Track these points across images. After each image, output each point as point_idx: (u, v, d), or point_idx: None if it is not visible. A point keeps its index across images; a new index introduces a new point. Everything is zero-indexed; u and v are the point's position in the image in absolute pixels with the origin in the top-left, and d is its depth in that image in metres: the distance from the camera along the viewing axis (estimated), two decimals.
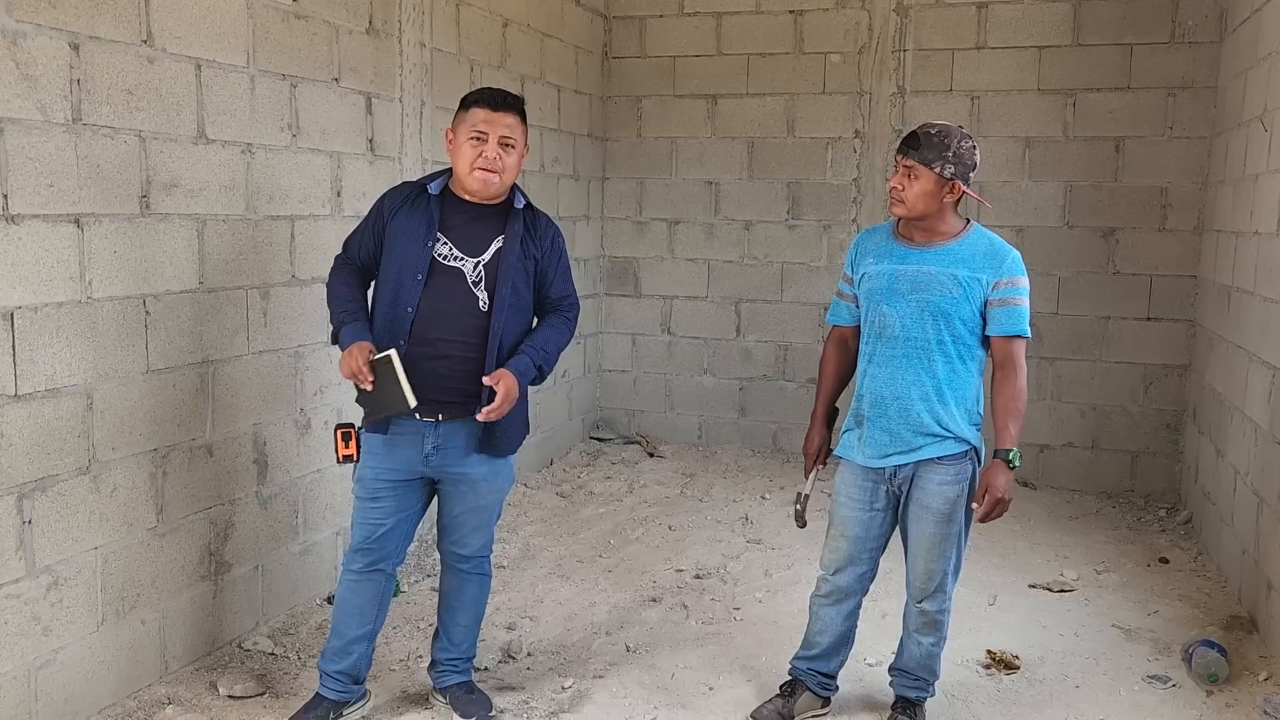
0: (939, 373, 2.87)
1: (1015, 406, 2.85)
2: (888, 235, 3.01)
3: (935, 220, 2.89)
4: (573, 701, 3.27)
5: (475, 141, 2.83)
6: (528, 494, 5.46)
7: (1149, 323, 5.69)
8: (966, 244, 2.89)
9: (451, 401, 2.89)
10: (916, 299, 2.86)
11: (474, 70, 4.98)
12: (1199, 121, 5.50)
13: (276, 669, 3.43)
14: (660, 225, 6.59)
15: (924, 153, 2.81)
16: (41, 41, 2.76)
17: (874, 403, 2.94)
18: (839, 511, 3.05)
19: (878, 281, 2.94)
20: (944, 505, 2.90)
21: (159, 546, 3.24)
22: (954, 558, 2.97)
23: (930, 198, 2.83)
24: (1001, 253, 2.87)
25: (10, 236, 2.71)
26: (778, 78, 6.25)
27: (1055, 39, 5.71)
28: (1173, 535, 5.05)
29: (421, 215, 2.88)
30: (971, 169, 2.84)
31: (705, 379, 6.59)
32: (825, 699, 3.20)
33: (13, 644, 2.78)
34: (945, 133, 2.83)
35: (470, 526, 3.05)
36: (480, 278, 2.88)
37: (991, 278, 2.84)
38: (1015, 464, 2.81)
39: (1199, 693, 3.41)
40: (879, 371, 2.94)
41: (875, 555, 3.07)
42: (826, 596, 3.11)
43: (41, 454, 2.83)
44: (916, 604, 3.03)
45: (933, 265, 2.87)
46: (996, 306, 2.84)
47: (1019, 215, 5.85)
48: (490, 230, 2.92)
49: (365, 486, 2.93)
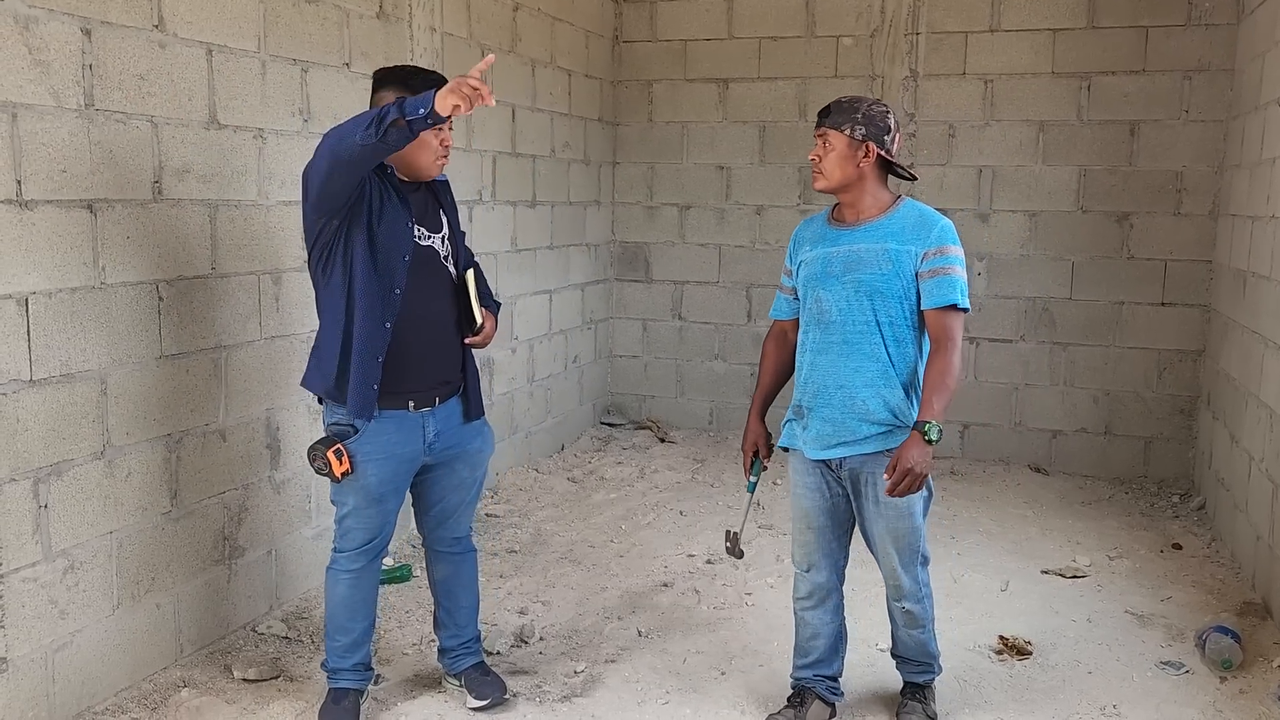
0: (882, 356, 2.79)
1: (943, 382, 2.71)
2: (823, 222, 2.96)
3: (858, 193, 2.83)
4: (585, 686, 3.28)
5: (436, 131, 2.75)
6: (539, 479, 5.47)
7: (1163, 308, 5.66)
8: (896, 217, 2.83)
9: (446, 381, 2.92)
10: (850, 279, 2.80)
11: (484, 54, 4.95)
12: (1215, 105, 5.45)
13: (290, 652, 3.45)
14: (671, 210, 6.57)
15: (834, 118, 2.79)
16: (54, 27, 2.76)
17: (816, 393, 2.88)
18: (799, 504, 2.98)
19: (812, 267, 2.88)
20: (900, 500, 2.79)
21: (173, 531, 3.26)
22: (920, 547, 2.90)
23: (846, 162, 2.79)
24: (930, 221, 2.80)
25: (24, 222, 2.72)
26: (789, 61, 6.22)
27: (1070, 21, 5.66)
28: (1186, 521, 5.03)
29: (390, 195, 2.81)
30: (885, 132, 2.79)
31: (716, 364, 6.58)
32: (832, 706, 3.10)
33: (30, 627, 2.81)
34: (856, 99, 2.83)
35: (465, 504, 3.09)
36: (448, 252, 2.93)
37: (920, 248, 2.76)
38: (932, 438, 2.64)
39: (1212, 679, 3.40)
40: (819, 360, 2.87)
41: (844, 543, 3.00)
42: (808, 598, 3.03)
43: (57, 439, 2.84)
44: (895, 602, 2.98)
45: (863, 242, 2.82)
46: (927, 278, 2.76)
47: (1032, 200, 5.81)
48: (434, 205, 2.96)
49: (370, 494, 2.84)
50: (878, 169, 2.84)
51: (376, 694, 3.16)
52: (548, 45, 5.64)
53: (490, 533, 4.62)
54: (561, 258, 5.99)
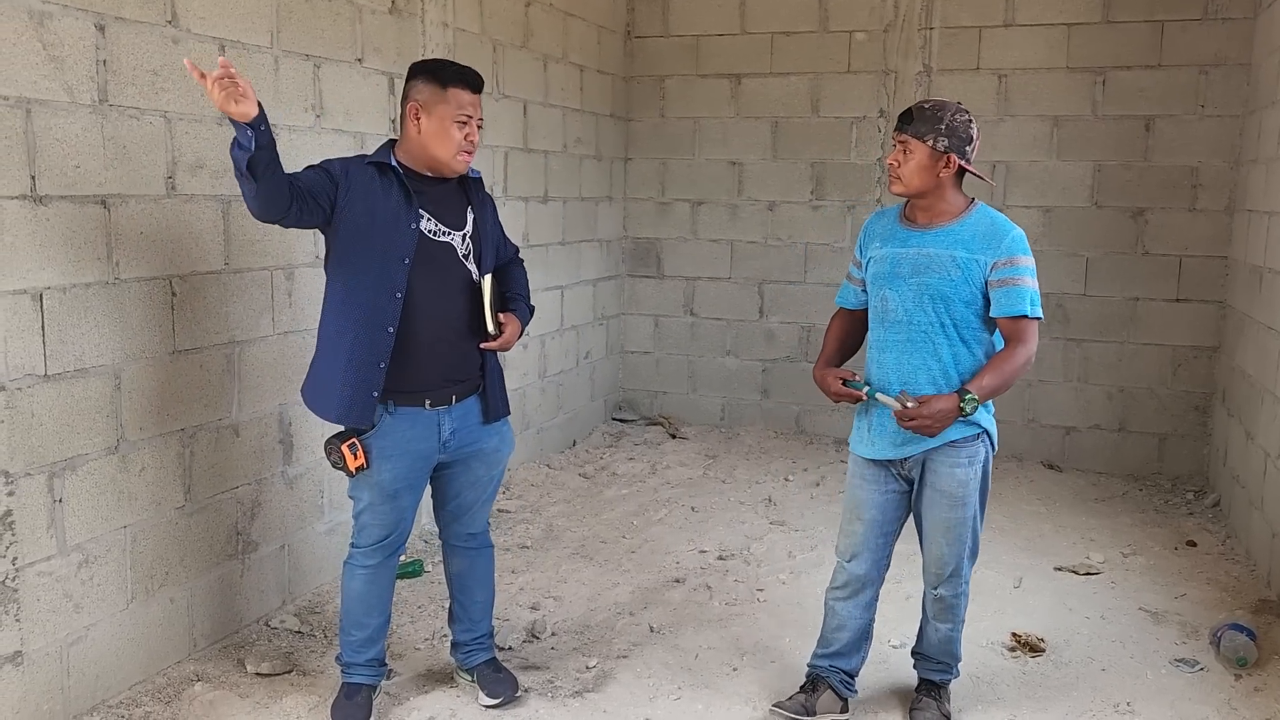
0: (944, 356, 2.82)
1: (1001, 366, 2.76)
2: (895, 218, 2.97)
3: (934, 199, 2.85)
4: (597, 681, 3.28)
5: (459, 124, 2.77)
6: (551, 475, 5.48)
7: (1178, 304, 5.63)
8: (968, 224, 2.83)
9: (462, 380, 2.91)
10: (916, 282, 2.82)
11: (496, 50, 4.96)
12: (1231, 99, 5.41)
13: (303, 647, 3.46)
14: (683, 206, 6.56)
15: (917, 126, 2.78)
16: (68, 22, 2.77)
17: (882, 389, 2.90)
18: (853, 495, 3.02)
19: (881, 265, 2.90)
20: (957, 489, 2.85)
21: (187, 525, 3.27)
22: (969, 541, 2.93)
23: (926, 172, 2.79)
24: (1001, 232, 2.80)
25: (39, 218, 2.73)
26: (802, 56, 6.20)
27: (1084, 16, 5.63)
28: (1200, 518, 5.00)
29: (393, 194, 2.77)
30: (967, 142, 2.80)
31: (728, 360, 6.58)
32: (844, 701, 3.10)
33: (45, 620, 2.82)
34: (939, 106, 2.80)
35: (481, 502, 3.08)
36: (469, 250, 2.89)
37: (990, 258, 2.78)
38: (966, 410, 2.69)
39: (1227, 676, 3.38)
40: (885, 358, 2.90)
41: (890, 540, 3.03)
42: (843, 588, 3.05)
43: (71, 433, 2.86)
44: (932, 590, 3.00)
45: (933, 247, 2.83)
46: (996, 287, 2.78)
47: (1046, 195, 5.78)
48: (459, 202, 2.92)
49: (384, 490, 2.85)
50: (954, 175, 2.85)
51: (389, 689, 3.17)
52: (560, 41, 5.63)
53: (502, 528, 4.62)
54: (573, 253, 5.99)
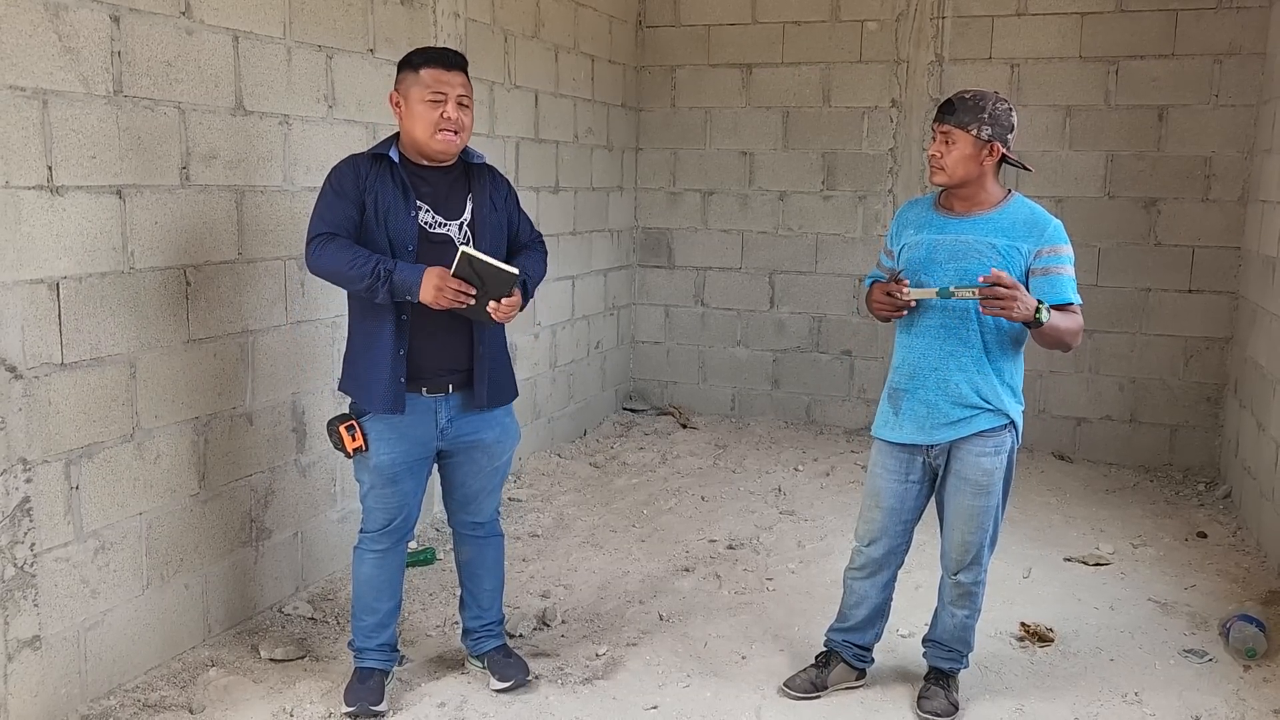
0: (977, 343, 2.85)
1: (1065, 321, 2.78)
2: (929, 206, 3.00)
3: (975, 188, 2.88)
4: (606, 668, 3.31)
5: (432, 103, 2.78)
6: (561, 464, 5.50)
7: (1190, 295, 5.61)
8: (1007, 213, 2.87)
9: (460, 369, 2.92)
10: (954, 269, 2.84)
11: (508, 40, 4.97)
12: (1246, 89, 5.38)
13: (316, 633, 3.50)
14: (694, 196, 6.56)
15: (960, 116, 2.80)
16: (83, 14, 2.79)
17: (912, 374, 2.93)
18: (874, 483, 3.05)
19: (916, 251, 2.93)
20: (982, 477, 2.89)
21: (201, 512, 3.30)
22: (990, 530, 2.97)
23: (970, 161, 2.82)
24: (1043, 221, 2.85)
25: (55, 208, 2.75)
26: (813, 46, 6.18)
27: (1097, 5, 5.59)
28: (1211, 510, 5.00)
29: (391, 184, 2.80)
30: (1009, 130, 2.83)
31: (738, 350, 6.58)
32: (860, 671, 3.20)
33: (62, 605, 2.86)
34: (980, 95, 2.83)
35: (486, 492, 3.10)
36: (467, 239, 2.89)
37: (1033, 246, 2.82)
38: (1041, 316, 2.70)
39: (1236, 667, 3.38)
40: (917, 343, 2.92)
41: (909, 528, 3.07)
42: (860, 569, 3.11)
43: (87, 421, 2.89)
44: (952, 576, 3.03)
45: (971, 234, 2.86)
46: (1039, 275, 2.82)
47: (1059, 185, 5.76)
48: (459, 190, 2.92)
49: (383, 473, 2.89)
50: (995, 164, 2.86)
51: (401, 674, 3.20)
52: (571, 30, 5.63)
53: (513, 517, 4.65)
54: (584, 243, 6.00)
